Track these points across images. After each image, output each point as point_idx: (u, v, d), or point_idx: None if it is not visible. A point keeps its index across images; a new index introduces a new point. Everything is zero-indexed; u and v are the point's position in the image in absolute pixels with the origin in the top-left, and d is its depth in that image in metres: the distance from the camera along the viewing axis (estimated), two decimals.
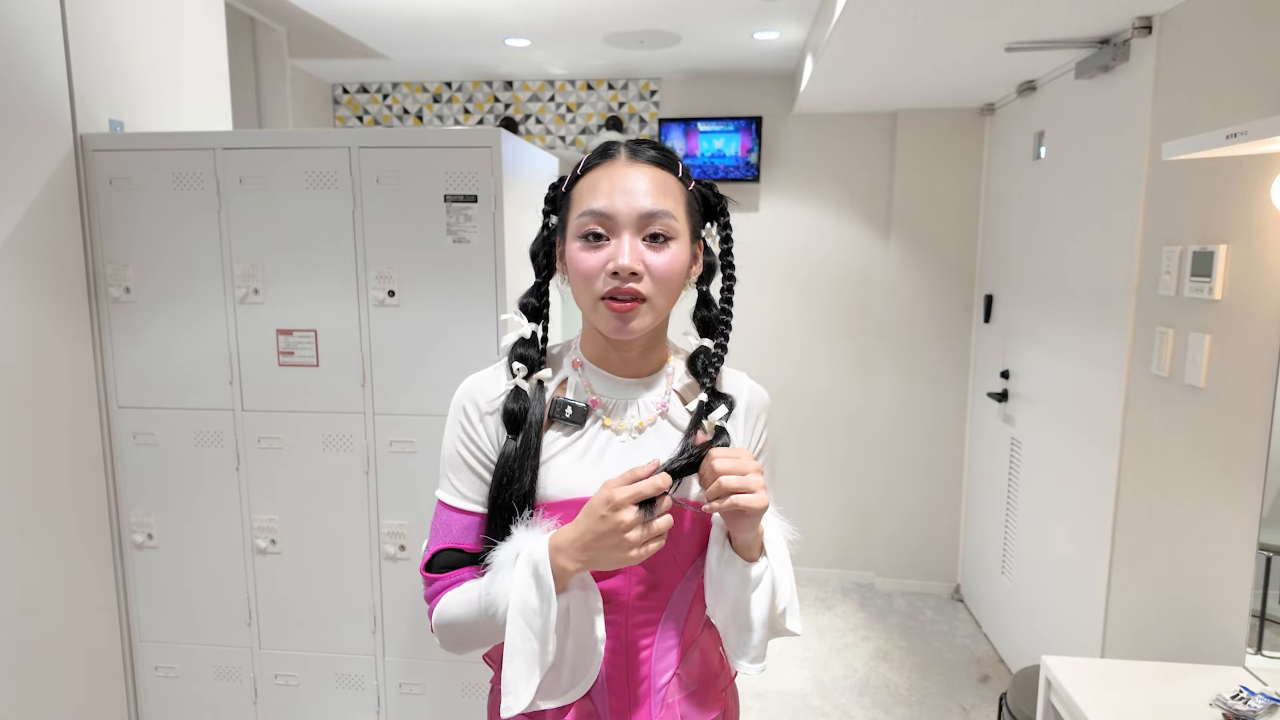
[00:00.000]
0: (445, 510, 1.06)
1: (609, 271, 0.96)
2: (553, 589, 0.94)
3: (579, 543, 0.93)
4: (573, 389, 1.07)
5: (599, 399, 1.06)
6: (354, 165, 1.97)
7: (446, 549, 1.05)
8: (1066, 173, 2.79)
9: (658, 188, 0.99)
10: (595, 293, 0.98)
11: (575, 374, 1.08)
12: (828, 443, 4.10)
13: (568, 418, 1.04)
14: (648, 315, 0.99)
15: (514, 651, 0.95)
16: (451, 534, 1.05)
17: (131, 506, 2.15)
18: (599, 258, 0.97)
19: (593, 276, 0.97)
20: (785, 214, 3.99)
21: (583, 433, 1.05)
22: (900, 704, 3.02)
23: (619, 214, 0.97)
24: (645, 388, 1.08)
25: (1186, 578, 2.00)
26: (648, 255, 0.97)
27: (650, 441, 1.05)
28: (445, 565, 1.04)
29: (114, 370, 2.10)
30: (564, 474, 1.03)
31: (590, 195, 0.99)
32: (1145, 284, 2.20)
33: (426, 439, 2.04)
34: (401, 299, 2.00)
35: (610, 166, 1.00)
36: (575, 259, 0.99)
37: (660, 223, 0.98)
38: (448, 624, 1.03)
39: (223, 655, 2.19)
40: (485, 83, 4.09)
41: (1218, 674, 1.77)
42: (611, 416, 1.06)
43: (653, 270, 0.97)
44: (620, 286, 0.96)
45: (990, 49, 2.61)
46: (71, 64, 2.00)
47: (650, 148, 1.02)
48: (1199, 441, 1.95)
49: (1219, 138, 1.48)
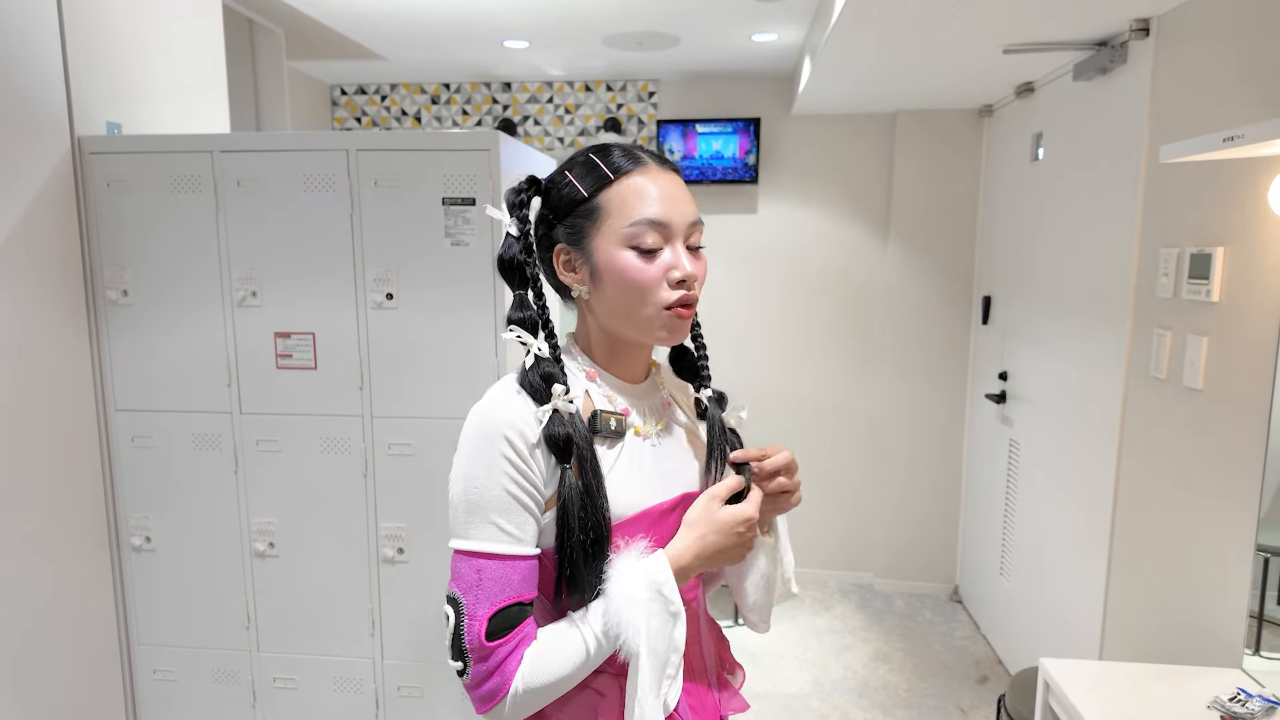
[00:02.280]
0: (496, 562, 0.91)
1: (673, 281, 0.97)
2: (682, 609, 0.96)
3: (701, 556, 0.99)
4: (599, 399, 1.03)
5: (627, 407, 1.05)
6: (352, 168, 1.97)
7: (510, 606, 0.91)
8: (1064, 174, 2.79)
9: (690, 197, 1.02)
10: (658, 303, 0.97)
11: (594, 385, 1.03)
12: (826, 444, 4.10)
13: (614, 430, 1.00)
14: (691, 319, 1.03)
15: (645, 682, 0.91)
16: (512, 587, 0.91)
17: (129, 509, 2.15)
18: (658, 268, 0.97)
19: (653, 287, 0.97)
20: (783, 216, 3.99)
21: (623, 444, 1.02)
22: (899, 705, 3.02)
23: (674, 223, 0.98)
24: (649, 391, 1.10)
25: (1184, 579, 2.01)
26: (693, 263, 0.99)
27: (670, 441, 1.08)
28: (503, 627, 0.90)
29: (111, 373, 2.10)
30: (628, 489, 0.99)
31: (640, 203, 0.96)
32: (1143, 286, 2.20)
33: (424, 442, 2.03)
34: (400, 302, 2.00)
35: (650, 173, 0.99)
36: (630, 269, 0.96)
37: (699, 231, 1.01)
38: (541, 686, 0.91)
39: (221, 658, 2.19)
40: (484, 84, 4.09)
41: (1215, 676, 1.77)
42: (638, 423, 1.05)
43: (699, 278, 1.01)
44: (687, 294, 0.98)
45: (988, 51, 2.61)
46: (69, 66, 2.00)
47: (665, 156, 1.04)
48: (1197, 443, 1.95)
49: (1216, 140, 1.48)
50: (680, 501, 1.04)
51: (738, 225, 3.98)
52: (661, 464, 1.05)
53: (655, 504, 1.01)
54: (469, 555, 0.92)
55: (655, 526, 1.01)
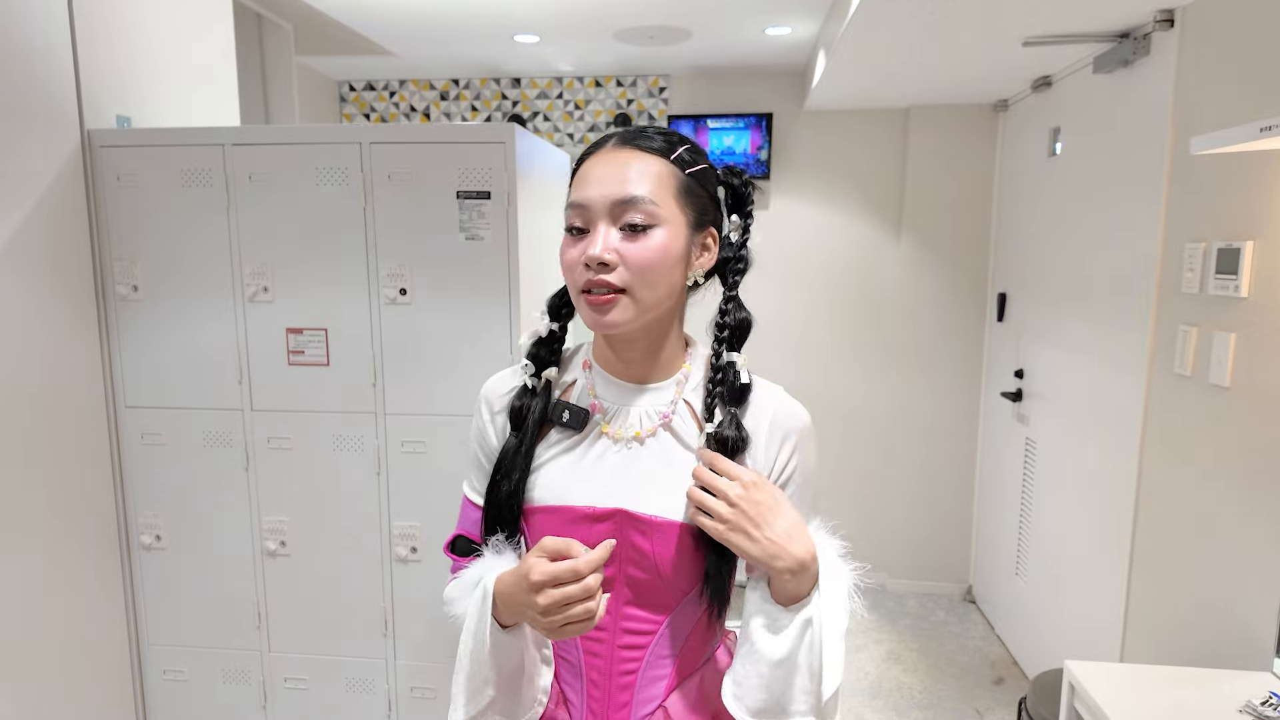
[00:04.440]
0: (466, 504, 1.09)
1: (583, 264, 0.92)
2: (487, 631, 0.93)
3: (510, 600, 0.91)
4: (578, 392, 1.03)
5: (600, 403, 1.01)
6: (365, 161, 1.94)
7: (461, 536, 1.08)
8: (1083, 169, 2.76)
9: (639, 173, 0.93)
10: (576, 287, 0.94)
11: (584, 376, 1.04)
12: (838, 442, 4.06)
13: (564, 422, 1.00)
14: (629, 309, 0.92)
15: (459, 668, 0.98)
16: (466, 523, 1.08)
17: (139, 508, 2.12)
18: (577, 250, 0.94)
19: (572, 269, 0.94)
20: (796, 211, 3.96)
21: (581, 438, 1.00)
22: (914, 707, 2.98)
23: (592, 203, 0.93)
24: (652, 394, 1.01)
25: (1210, 580, 1.97)
26: (622, 244, 0.92)
27: (649, 454, 0.98)
28: (463, 550, 1.07)
29: (121, 369, 2.08)
30: (553, 479, 0.99)
31: (576, 187, 0.96)
32: (1167, 281, 2.16)
33: (438, 439, 2.01)
34: (413, 297, 1.97)
35: (598, 156, 0.96)
36: (561, 253, 0.97)
37: (638, 209, 0.91)
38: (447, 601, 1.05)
39: (232, 658, 2.16)
40: (493, 80, 4.06)
41: (1246, 679, 1.73)
42: (611, 423, 1.00)
43: (628, 259, 0.91)
44: (593, 279, 0.91)
45: (1007, 43, 2.57)
46: (79, 59, 1.97)
47: (646, 134, 0.97)
48: (1223, 440, 1.92)
49: (1253, 130, 1.44)
50: (614, 514, 0.96)
51: None
52: (623, 471, 0.97)
53: (579, 505, 0.97)
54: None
55: (572, 528, 0.95)
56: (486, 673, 0.95)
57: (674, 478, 0.96)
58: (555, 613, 0.84)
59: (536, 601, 0.84)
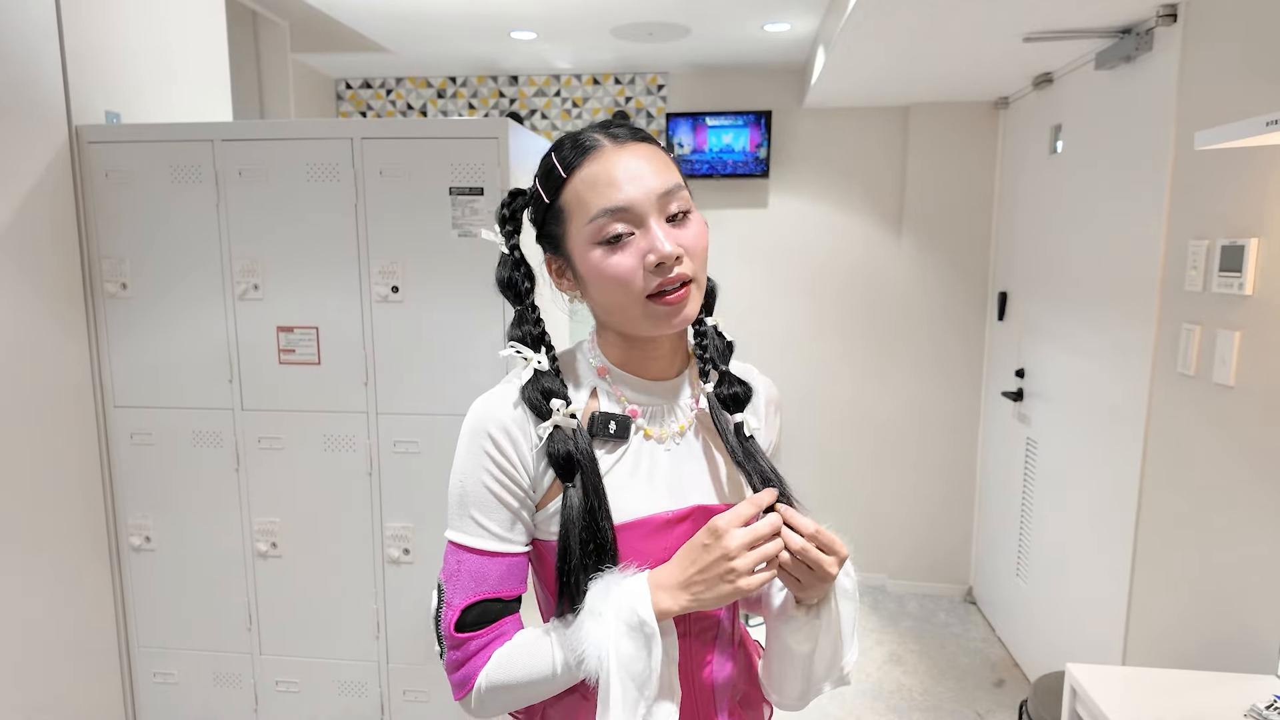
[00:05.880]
0: (474, 556, 0.92)
1: (650, 266, 0.87)
2: (657, 630, 0.85)
3: (683, 579, 0.87)
4: (605, 399, 0.97)
5: (635, 408, 0.97)
6: (356, 157, 1.91)
7: (483, 600, 0.91)
8: (1085, 166, 2.73)
9: (663, 163, 0.91)
10: (639, 293, 0.88)
11: (603, 382, 0.98)
12: (837, 442, 4.04)
13: (612, 433, 0.94)
14: (696, 297, 0.92)
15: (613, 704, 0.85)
16: (488, 582, 0.92)
17: (129, 509, 2.10)
18: (632, 256, 0.88)
19: (632, 278, 0.88)
20: (795, 210, 3.93)
21: (626, 447, 0.96)
22: (914, 709, 2.96)
23: (638, 203, 0.88)
24: (676, 390, 1.00)
25: (1214, 582, 1.94)
26: (678, 235, 0.89)
27: (694, 447, 0.99)
28: (480, 620, 0.91)
29: (110, 368, 2.05)
30: (619, 496, 0.93)
31: (595, 195, 0.89)
32: (1170, 279, 2.13)
33: (431, 439, 1.98)
34: (405, 295, 1.94)
35: (600, 158, 0.90)
36: (602, 267, 0.89)
37: (678, 197, 0.90)
38: (504, 686, 0.90)
39: (222, 661, 2.14)
40: (490, 77, 4.03)
41: (1250, 682, 1.70)
42: (651, 425, 0.97)
43: (689, 248, 0.90)
44: (669, 276, 0.88)
45: (1008, 39, 2.55)
46: (66, 54, 1.95)
47: (621, 127, 0.94)
48: (1227, 440, 1.89)
49: (1258, 125, 1.41)
50: (692, 513, 0.96)
51: (748, 220, 3.92)
52: (677, 470, 0.96)
53: (656, 513, 0.94)
54: (453, 545, 0.93)
55: (656, 537, 0.93)
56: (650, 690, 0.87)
57: (724, 460, 1.01)
58: (742, 555, 0.85)
59: (727, 546, 0.85)
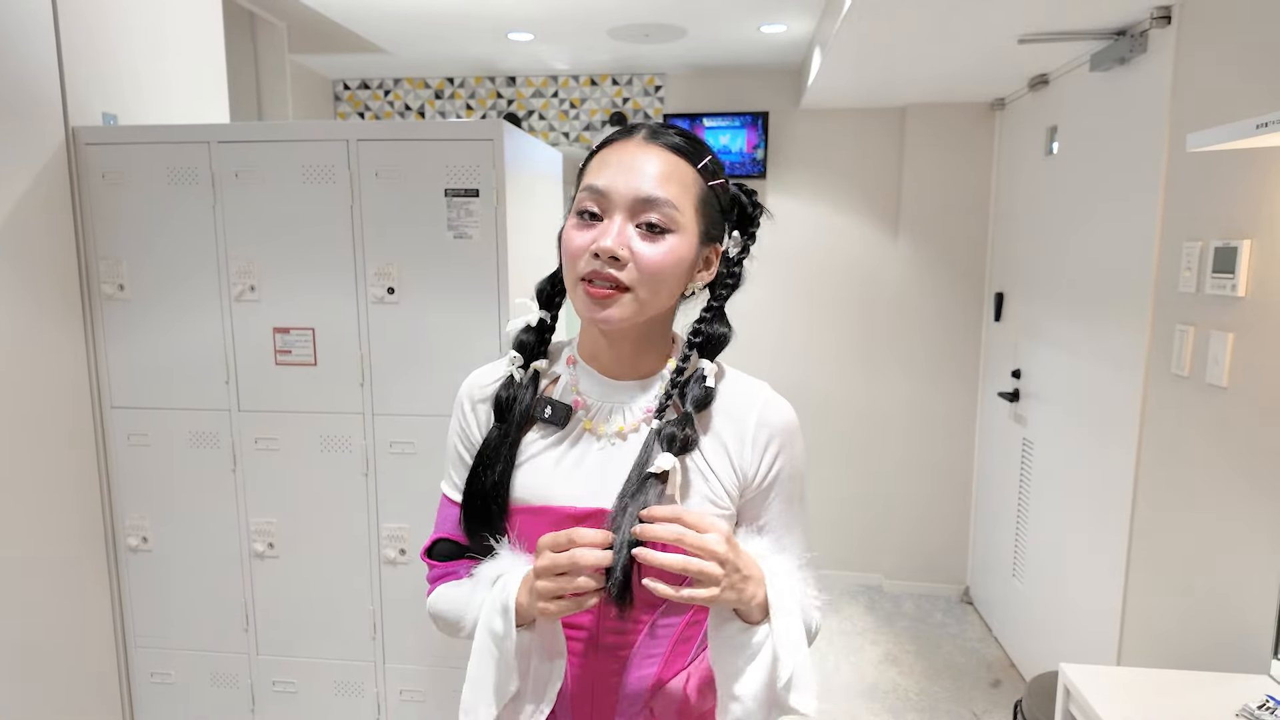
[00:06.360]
0: (445, 502, 1.06)
1: (591, 252, 0.89)
2: (514, 623, 0.89)
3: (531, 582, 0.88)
4: (561, 387, 1.01)
5: (583, 399, 0.99)
6: (352, 159, 1.92)
7: (443, 539, 1.05)
8: (1080, 168, 2.74)
9: (666, 174, 0.91)
10: (576, 273, 0.91)
11: (568, 371, 1.02)
12: (834, 442, 4.04)
13: (546, 418, 0.98)
14: (629, 306, 0.90)
15: (476, 674, 0.93)
16: (448, 524, 1.04)
17: (126, 509, 2.10)
18: (587, 237, 0.90)
19: (577, 256, 0.90)
20: (792, 211, 3.94)
21: (564, 435, 0.98)
22: (911, 709, 2.96)
23: (614, 193, 0.89)
24: (637, 391, 0.99)
25: (1208, 582, 1.95)
26: (637, 243, 0.89)
27: (631, 450, 0.95)
28: (444, 555, 1.04)
29: (107, 370, 2.06)
30: (536, 477, 0.96)
31: (595, 171, 0.93)
32: (1164, 281, 2.14)
33: (427, 440, 1.99)
34: (401, 296, 1.95)
35: (624, 144, 0.93)
36: (566, 236, 0.93)
37: (659, 211, 0.89)
38: (436, 615, 1.04)
39: (219, 661, 2.14)
40: (488, 78, 4.04)
41: (1243, 682, 1.71)
42: (594, 419, 0.98)
43: (640, 260, 0.89)
44: (599, 270, 0.89)
45: (1003, 40, 2.55)
46: (63, 55, 1.95)
47: (676, 134, 0.95)
48: (1221, 441, 1.90)
49: (1248, 127, 1.42)
50: (595, 514, 0.93)
51: None
52: (603, 468, 0.95)
53: (564, 505, 0.95)
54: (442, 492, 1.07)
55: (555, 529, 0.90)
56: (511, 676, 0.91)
57: None
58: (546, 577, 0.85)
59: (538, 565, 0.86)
